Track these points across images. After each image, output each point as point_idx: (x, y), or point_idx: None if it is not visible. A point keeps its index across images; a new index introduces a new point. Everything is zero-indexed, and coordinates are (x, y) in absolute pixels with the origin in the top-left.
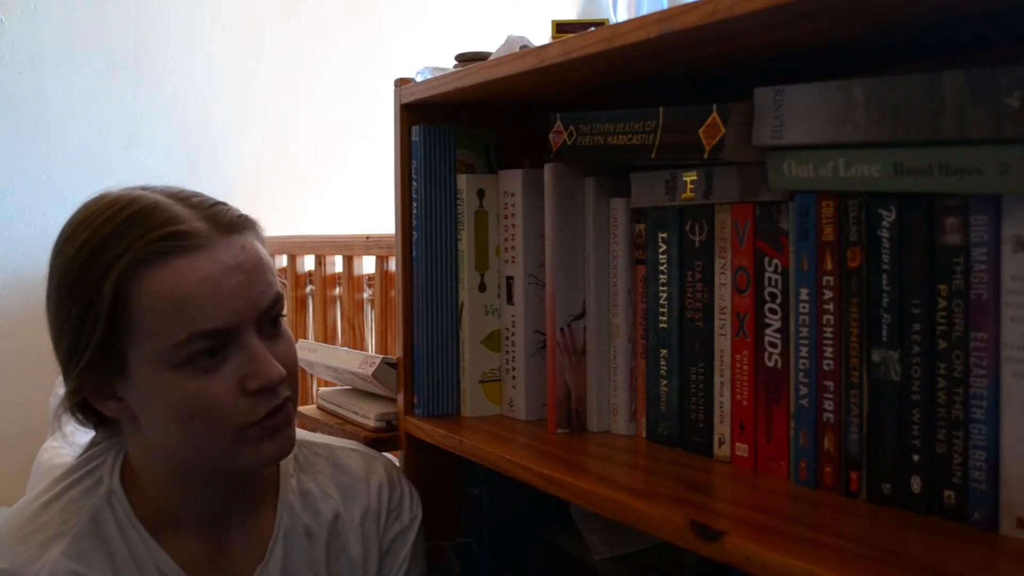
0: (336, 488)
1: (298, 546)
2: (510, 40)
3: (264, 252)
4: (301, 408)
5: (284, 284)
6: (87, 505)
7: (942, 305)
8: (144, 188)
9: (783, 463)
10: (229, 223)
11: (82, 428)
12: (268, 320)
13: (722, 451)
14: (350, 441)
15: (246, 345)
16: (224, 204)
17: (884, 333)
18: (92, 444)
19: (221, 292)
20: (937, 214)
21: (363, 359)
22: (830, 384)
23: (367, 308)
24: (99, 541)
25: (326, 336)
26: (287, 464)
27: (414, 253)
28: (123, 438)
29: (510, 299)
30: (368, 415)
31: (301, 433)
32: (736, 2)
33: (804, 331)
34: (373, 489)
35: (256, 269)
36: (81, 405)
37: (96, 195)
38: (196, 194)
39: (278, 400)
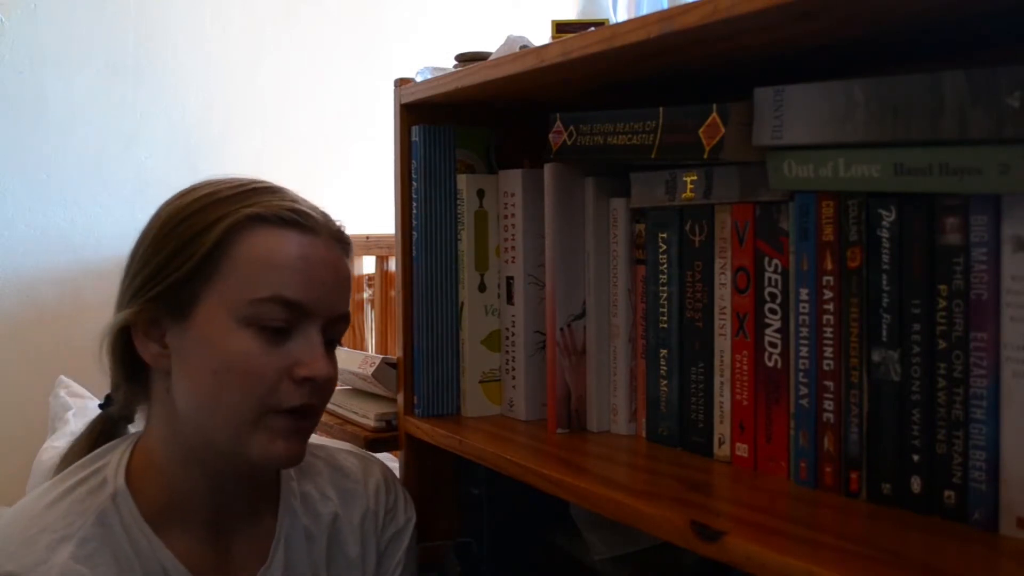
0: (335, 490)
1: (299, 548)
2: (510, 40)
3: (350, 273)
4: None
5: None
6: (92, 506)
7: (942, 305)
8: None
9: (783, 463)
10: (338, 232)
11: (103, 376)
12: (331, 332)
13: (722, 451)
14: (346, 443)
15: (309, 334)
16: (333, 221)
17: (884, 333)
18: (88, 436)
19: (313, 275)
20: (937, 214)
21: (363, 359)
22: (830, 384)
23: (367, 308)
24: (105, 543)
25: None
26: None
27: (414, 253)
28: (129, 440)
29: (510, 299)
30: (368, 415)
31: None
32: (736, 2)
33: (804, 331)
34: (371, 491)
35: (344, 280)
36: (119, 347)
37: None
38: (304, 198)
39: (311, 400)
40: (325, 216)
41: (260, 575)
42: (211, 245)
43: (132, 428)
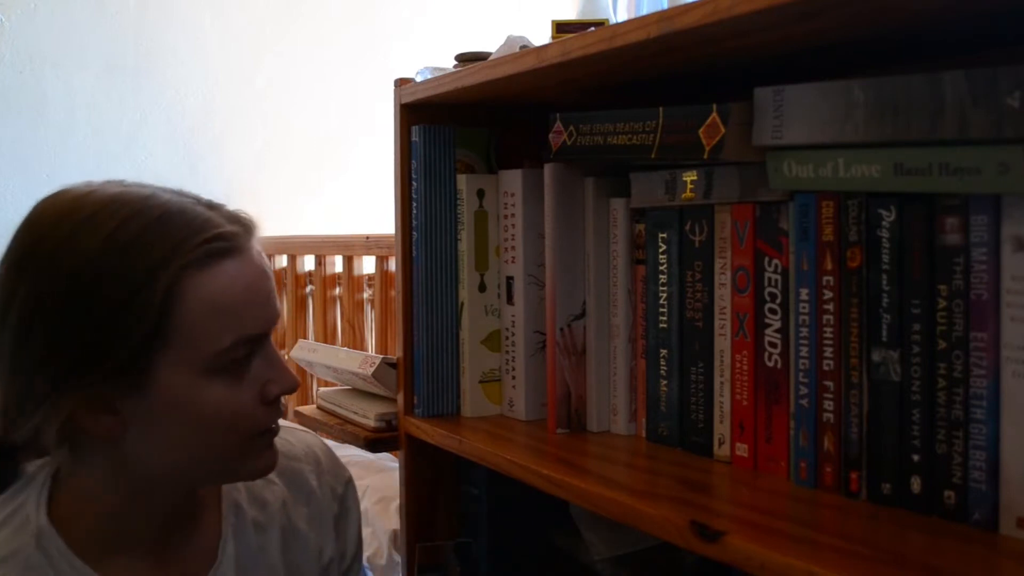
0: (276, 473)
1: (249, 541)
2: (510, 40)
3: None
4: (301, 408)
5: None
6: (16, 548)
7: (942, 305)
8: (128, 185)
9: (783, 463)
10: (249, 225)
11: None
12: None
13: (722, 451)
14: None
15: (267, 352)
16: (225, 206)
17: (884, 333)
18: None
19: (259, 297)
20: (937, 214)
21: (363, 359)
22: (830, 384)
23: (367, 308)
24: None
25: (326, 336)
26: None
27: (414, 253)
28: (46, 471)
29: (510, 299)
30: (368, 415)
31: None
32: (736, 2)
33: (804, 331)
34: (311, 461)
35: (271, 275)
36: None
37: (82, 189)
38: (196, 195)
39: (282, 411)
40: (230, 215)
41: (211, 574)
42: (155, 313)
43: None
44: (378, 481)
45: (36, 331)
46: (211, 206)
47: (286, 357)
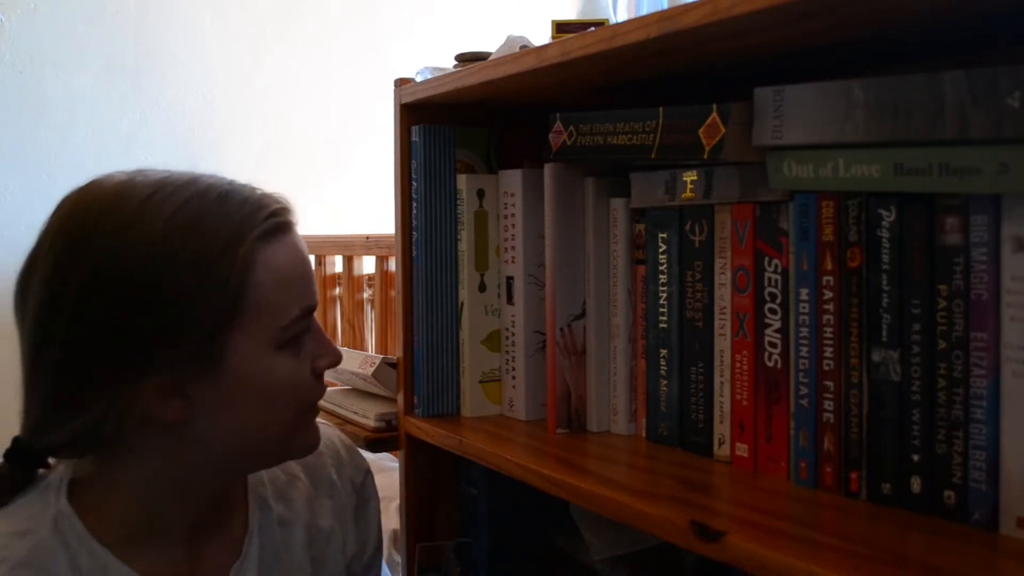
0: (301, 468)
1: (274, 537)
2: (510, 40)
3: None
4: None
5: None
6: (30, 528)
7: (942, 305)
8: (164, 171)
9: (783, 463)
10: (286, 200)
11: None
12: None
13: (722, 451)
14: None
15: (314, 326)
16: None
17: (884, 333)
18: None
19: (309, 270)
20: (937, 214)
21: (363, 359)
22: (830, 384)
23: (367, 308)
24: (43, 569)
25: None
26: None
27: (414, 253)
28: (64, 465)
29: (510, 299)
30: (368, 415)
31: None
32: (736, 2)
33: (804, 331)
34: (331, 454)
35: None
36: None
37: (121, 177)
38: (228, 179)
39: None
40: (271, 193)
41: (234, 571)
42: (233, 288)
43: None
44: (378, 481)
45: (99, 319)
46: (252, 186)
47: None
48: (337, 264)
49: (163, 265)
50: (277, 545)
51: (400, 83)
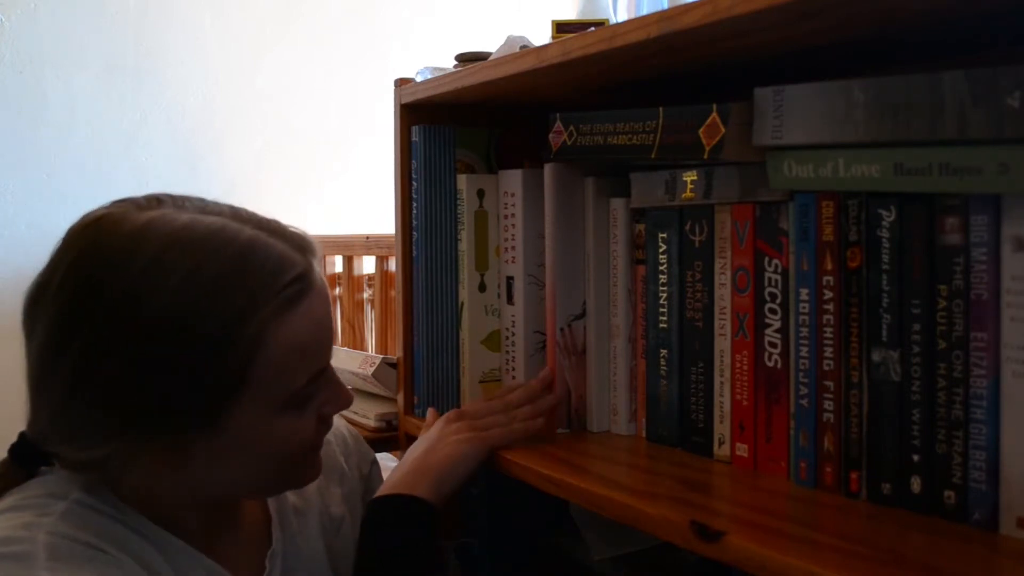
0: None
1: (291, 526)
2: (510, 40)
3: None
4: None
5: None
6: (55, 505)
7: (942, 305)
8: (184, 207)
9: (783, 463)
10: (311, 249)
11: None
12: None
13: (722, 451)
14: None
15: (329, 377)
16: (285, 224)
17: (884, 333)
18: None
19: (328, 327)
20: (937, 214)
21: (363, 359)
22: (830, 384)
23: (367, 308)
24: (79, 533)
25: None
26: None
27: (414, 253)
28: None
29: (510, 299)
30: (368, 415)
31: None
32: (736, 2)
33: (804, 331)
34: (340, 442)
35: (329, 296)
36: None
37: (137, 218)
38: (261, 217)
39: (332, 423)
40: (294, 236)
41: (269, 559)
42: (239, 362)
43: None
44: None
45: (98, 379)
46: (277, 231)
47: None
48: (337, 264)
49: (167, 337)
50: (295, 533)
51: (400, 83)
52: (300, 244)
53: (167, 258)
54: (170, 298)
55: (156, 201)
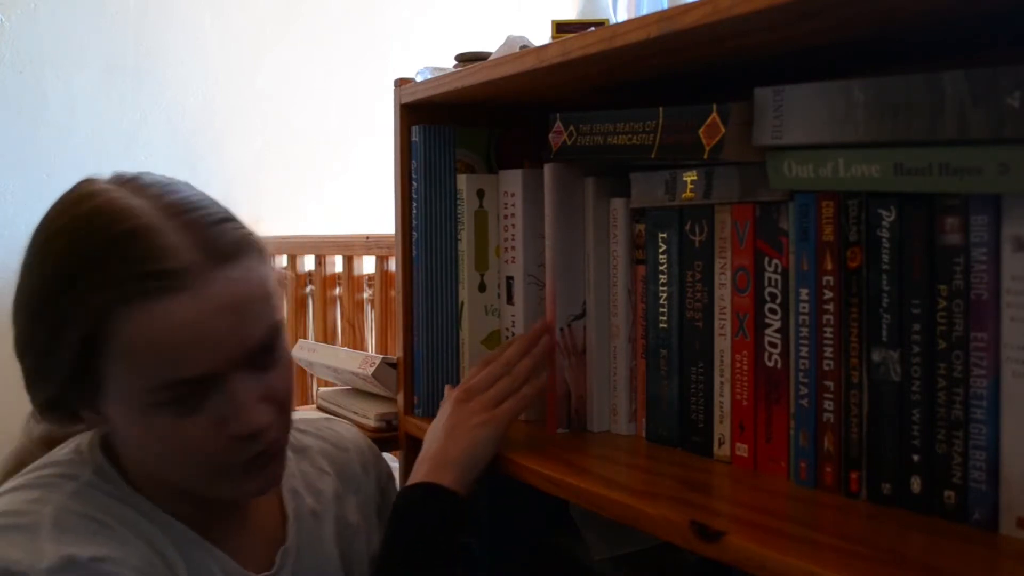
0: (329, 463)
1: (307, 527)
2: (510, 40)
3: (265, 277)
4: (301, 408)
5: (286, 281)
6: (66, 484)
7: (942, 305)
8: (142, 183)
9: (783, 463)
10: (225, 250)
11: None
12: (261, 352)
13: (722, 451)
14: (317, 413)
15: (229, 388)
16: (227, 222)
17: (884, 333)
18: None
19: (207, 338)
20: (937, 214)
21: (363, 359)
22: (830, 384)
23: (367, 308)
24: (87, 512)
25: (326, 336)
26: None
27: (414, 253)
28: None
29: (510, 299)
30: (368, 415)
31: None
32: (736, 2)
33: (804, 331)
34: (358, 452)
35: (250, 303)
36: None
37: (85, 187)
38: (198, 205)
39: (264, 445)
40: (209, 232)
41: (280, 555)
42: (82, 339)
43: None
44: None
45: (15, 329)
46: (188, 223)
47: None
48: (337, 264)
49: (41, 302)
50: (311, 535)
51: (400, 83)
52: (207, 240)
53: (60, 229)
54: (49, 269)
55: (121, 179)
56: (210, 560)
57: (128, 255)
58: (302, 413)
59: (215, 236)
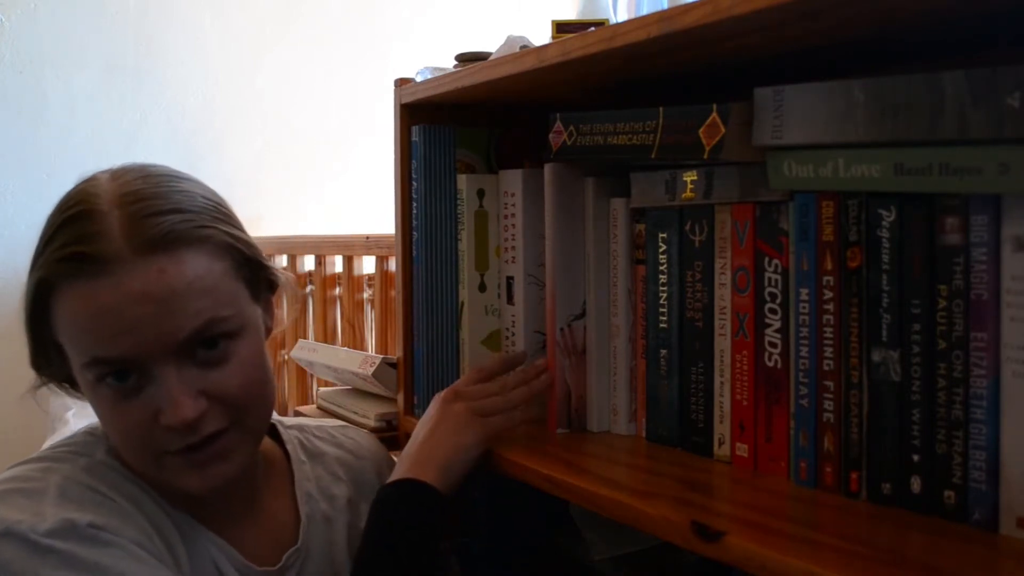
0: (343, 468)
1: (321, 531)
2: (510, 40)
3: (200, 273)
4: (301, 408)
5: (276, 278)
6: (78, 460)
7: (942, 305)
8: (127, 173)
9: (783, 463)
10: (151, 241)
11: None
12: (200, 346)
13: (722, 451)
14: (334, 420)
15: (159, 378)
16: (173, 214)
17: (884, 333)
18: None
19: (120, 323)
20: (937, 214)
21: (363, 359)
22: (830, 384)
23: (367, 308)
24: (91, 489)
25: (326, 336)
26: (297, 452)
27: (414, 253)
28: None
29: (510, 299)
30: (368, 415)
31: (295, 419)
32: (736, 2)
33: (804, 331)
34: (373, 459)
35: (173, 297)
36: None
37: (87, 177)
38: (147, 196)
39: (196, 437)
40: (142, 223)
41: (291, 554)
42: (36, 304)
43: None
44: None
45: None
46: (129, 209)
47: (286, 357)
48: (337, 264)
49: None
50: (323, 539)
51: (400, 83)
52: (137, 229)
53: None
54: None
55: (119, 168)
56: (214, 548)
57: (68, 237)
58: (323, 421)
59: (148, 227)
